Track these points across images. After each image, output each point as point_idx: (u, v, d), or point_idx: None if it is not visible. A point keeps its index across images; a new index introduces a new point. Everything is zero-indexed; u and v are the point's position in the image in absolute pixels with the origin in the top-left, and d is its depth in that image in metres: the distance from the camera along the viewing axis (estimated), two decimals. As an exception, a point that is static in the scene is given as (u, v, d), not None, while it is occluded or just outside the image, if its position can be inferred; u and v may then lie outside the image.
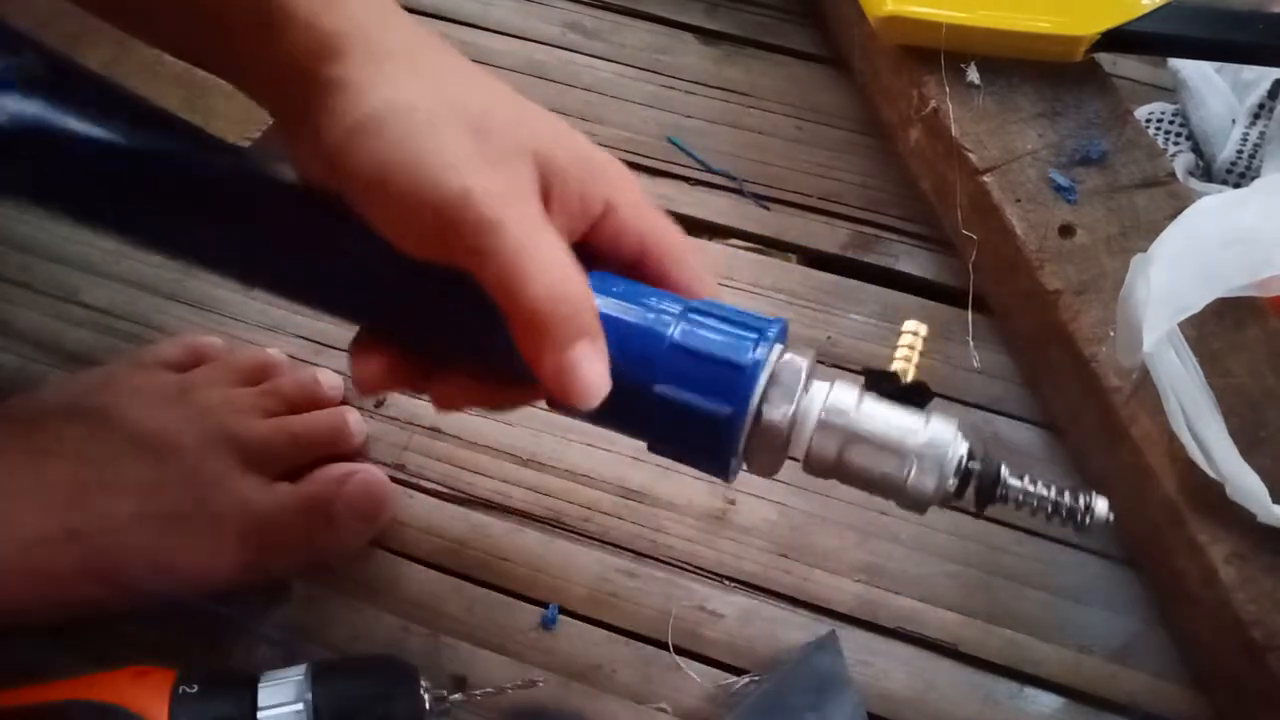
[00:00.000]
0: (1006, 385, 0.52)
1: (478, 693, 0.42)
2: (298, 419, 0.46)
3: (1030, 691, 0.44)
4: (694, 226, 0.57)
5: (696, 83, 0.62)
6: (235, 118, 0.55)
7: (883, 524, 0.48)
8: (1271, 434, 0.42)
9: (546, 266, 0.30)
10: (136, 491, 0.41)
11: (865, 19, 0.53)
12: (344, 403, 0.49)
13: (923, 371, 0.34)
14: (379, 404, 0.50)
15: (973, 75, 0.52)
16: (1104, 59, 0.53)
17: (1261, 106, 0.53)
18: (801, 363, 0.33)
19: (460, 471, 0.49)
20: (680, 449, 0.35)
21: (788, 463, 0.34)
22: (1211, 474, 0.41)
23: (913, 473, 0.32)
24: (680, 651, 0.45)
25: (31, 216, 0.55)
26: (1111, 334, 0.45)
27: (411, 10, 0.63)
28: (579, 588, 0.46)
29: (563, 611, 0.45)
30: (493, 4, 0.64)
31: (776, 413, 0.32)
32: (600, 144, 0.58)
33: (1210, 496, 0.41)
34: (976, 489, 0.33)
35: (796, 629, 0.45)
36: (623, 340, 0.32)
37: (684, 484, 0.49)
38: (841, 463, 0.33)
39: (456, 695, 0.41)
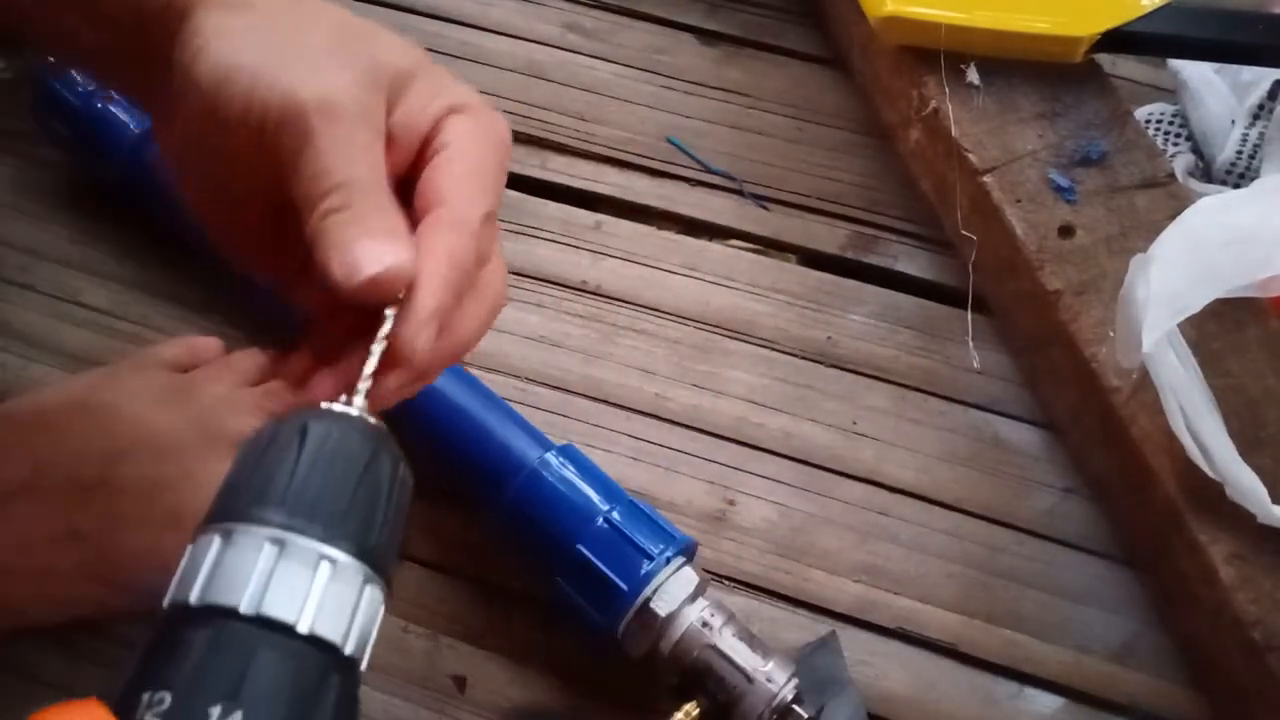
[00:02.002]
0: (1006, 385, 0.52)
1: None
2: (298, 419, 0.46)
3: (1030, 691, 0.44)
4: (694, 227, 0.57)
5: (696, 83, 0.62)
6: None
7: (882, 524, 0.48)
8: (1271, 434, 0.42)
9: (342, 169, 0.29)
10: (136, 491, 0.41)
11: (865, 19, 0.53)
12: (344, 403, 0.49)
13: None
14: (379, 404, 0.50)
15: (973, 76, 0.52)
16: (1104, 59, 0.53)
17: (1261, 107, 0.53)
18: (688, 583, 0.41)
19: (460, 472, 0.49)
20: (582, 597, 0.41)
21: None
22: (1211, 474, 0.41)
23: (746, 696, 0.40)
24: (680, 651, 0.45)
25: (32, 216, 0.55)
26: (1111, 334, 0.45)
27: (412, 10, 0.63)
28: (579, 588, 0.46)
29: (563, 611, 0.45)
30: (493, 4, 0.64)
31: (662, 609, 0.40)
32: (600, 144, 0.59)
33: (1210, 496, 0.41)
34: None
35: (796, 629, 0.45)
36: (561, 510, 0.42)
37: (684, 484, 0.49)
38: (692, 666, 0.40)
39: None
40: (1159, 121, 0.57)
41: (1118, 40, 0.50)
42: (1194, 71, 0.56)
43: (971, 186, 0.51)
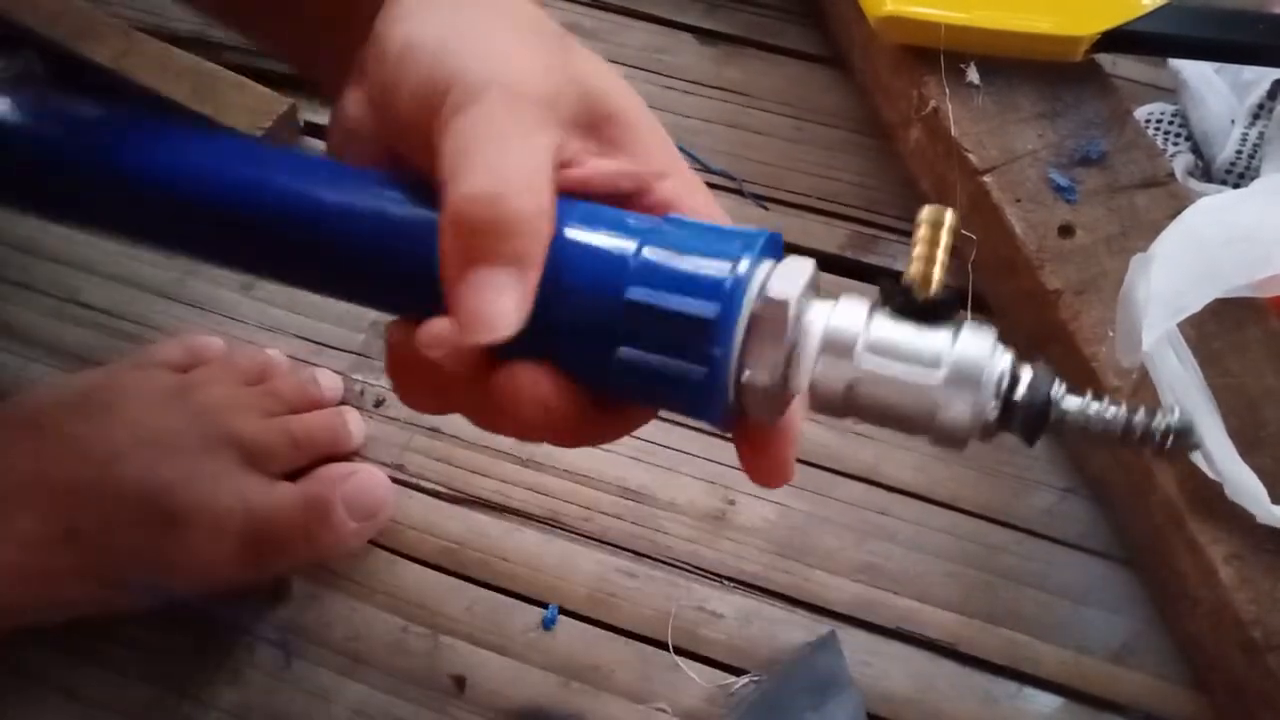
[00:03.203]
0: (1006, 385, 0.51)
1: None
2: (297, 419, 0.46)
3: (1029, 691, 0.44)
4: (694, 226, 0.57)
5: (695, 83, 0.61)
6: (246, 108, 0.55)
7: (882, 524, 0.48)
8: (1271, 434, 0.42)
9: (498, 163, 0.26)
10: (136, 492, 0.41)
11: (865, 19, 0.53)
12: (343, 403, 0.49)
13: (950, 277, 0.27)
14: (379, 404, 0.50)
15: (972, 75, 0.52)
16: (1104, 59, 0.53)
17: (1261, 107, 0.53)
18: (803, 270, 0.27)
19: (460, 471, 0.49)
20: (659, 389, 0.28)
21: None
22: (1211, 474, 0.41)
23: (942, 399, 0.26)
24: (680, 652, 0.45)
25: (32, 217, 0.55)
26: (1111, 334, 0.45)
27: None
28: (579, 588, 0.46)
29: (562, 611, 0.45)
30: (492, 4, 0.64)
31: (773, 318, 0.26)
32: (600, 144, 0.59)
33: (1210, 496, 0.41)
34: (1025, 414, 0.26)
35: (796, 629, 0.45)
36: (581, 261, 0.27)
37: (684, 484, 0.49)
38: (854, 394, 0.27)
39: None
40: (1159, 121, 0.57)
41: (1118, 40, 0.50)
42: (1194, 71, 0.56)
43: (971, 186, 0.51)
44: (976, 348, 0.26)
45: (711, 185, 0.58)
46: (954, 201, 0.51)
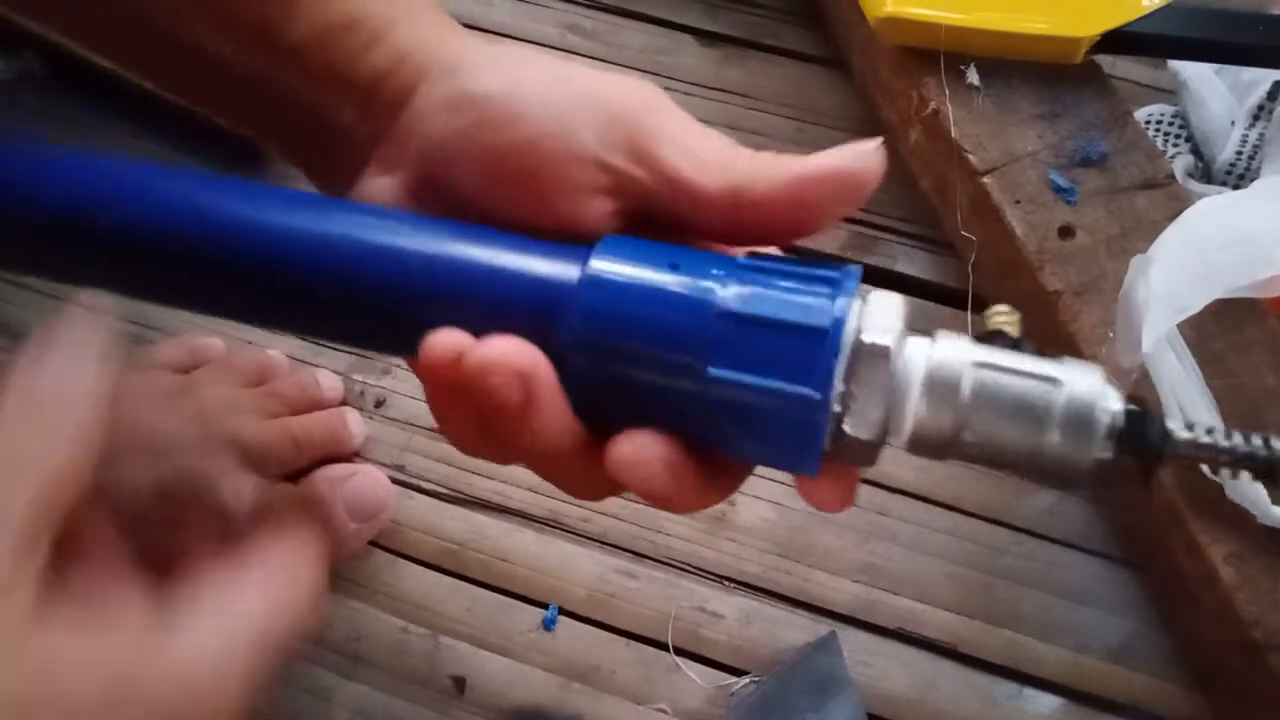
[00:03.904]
0: (1006, 386, 0.52)
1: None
2: (297, 420, 0.46)
3: (1029, 691, 0.44)
4: (694, 227, 0.57)
5: (695, 84, 0.62)
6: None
7: (882, 524, 0.48)
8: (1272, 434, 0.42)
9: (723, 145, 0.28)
10: (136, 493, 0.41)
11: (865, 20, 0.53)
12: (343, 404, 0.49)
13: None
14: (379, 404, 0.50)
15: (972, 76, 0.52)
16: (1104, 60, 0.53)
17: (1261, 108, 0.53)
18: (895, 306, 0.26)
19: (460, 472, 0.49)
20: (752, 431, 0.26)
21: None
22: (1211, 474, 0.41)
23: (1057, 438, 0.25)
24: (680, 652, 0.45)
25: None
26: (1111, 335, 0.45)
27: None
28: (579, 588, 0.46)
29: (562, 612, 0.46)
30: (493, 6, 0.64)
31: (873, 363, 0.25)
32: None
33: (1210, 496, 0.41)
34: (1140, 450, 0.25)
35: (796, 629, 0.45)
36: (666, 302, 0.26)
37: (684, 485, 0.49)
38: (963, 428, 0.25)
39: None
40: (1159, 122, 0.57)
41: (1118, 41, 0.50)
42: (1194, 72, 0.56)
43: (971, 187, 0.51)
44: (1088, 384, 0.25)
45: (711, 186, 0.58)
46: (954, 202, 0.51)
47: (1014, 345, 0.26)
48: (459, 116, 0.28)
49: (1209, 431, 0.25)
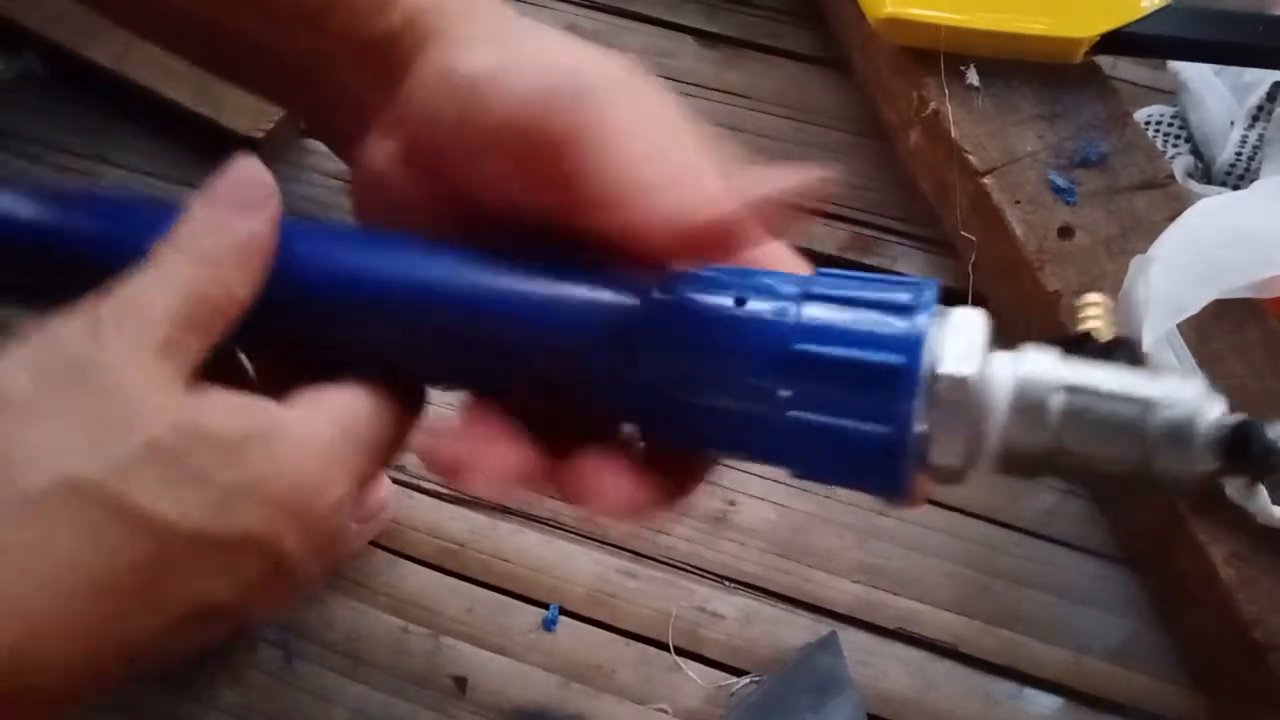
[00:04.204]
0: (1006, 386, 0.52)
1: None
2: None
3: (1030, 691, 0.44)
4: (694, 228, 0.57)
5: (695, 85, 0.62)
6: (247, 109, 0.55)
7: (882, 524, 0.48)
8: (1271, 434, 0.42)
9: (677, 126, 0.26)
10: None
11: (865, 21, 0.53)
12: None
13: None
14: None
15: (972, 77, 0.52)
16: (1103, 61, 0.53)
17: (1260, 109, 0.53)
18: (978, 320, 0.25)
19: (460, 472, 0.49)
20: (834, 465, 0.26)
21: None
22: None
23: (1160, 447, 0.24)
24: (680, 652, 0.45)
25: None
26: (1111, 335, 0.45)
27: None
28: (579, 588, 0.46)
29: (563, 612, 0.45)
30: (493, 6, 0.64)
31: (959, 371, 0.24)
32: (600, 145, 0.59)
33: (1210, 497, 0.41)
34: (1244, 460, 0.24)
35: (796, 629, 0.45)
36: (734, 332, 0.25)
37: (684, 485, 0.49)
38: (1057, 448, 0.24)
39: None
40: (1158, 123, 0.57)
41: (1117, 42, 0.50)
42: (1194, 73, 0.56)
43: (971, 187, 0.51)
44: (1185, 392, 0.24)
45: (712, 186, 0.58)
46: (954, 202, 0.52)
47: (1105, 351, 0.25)
48: (449, 95, 0.28)
49: None
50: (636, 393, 0.26)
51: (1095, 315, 0.27)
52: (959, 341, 0.24)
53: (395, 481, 0.47)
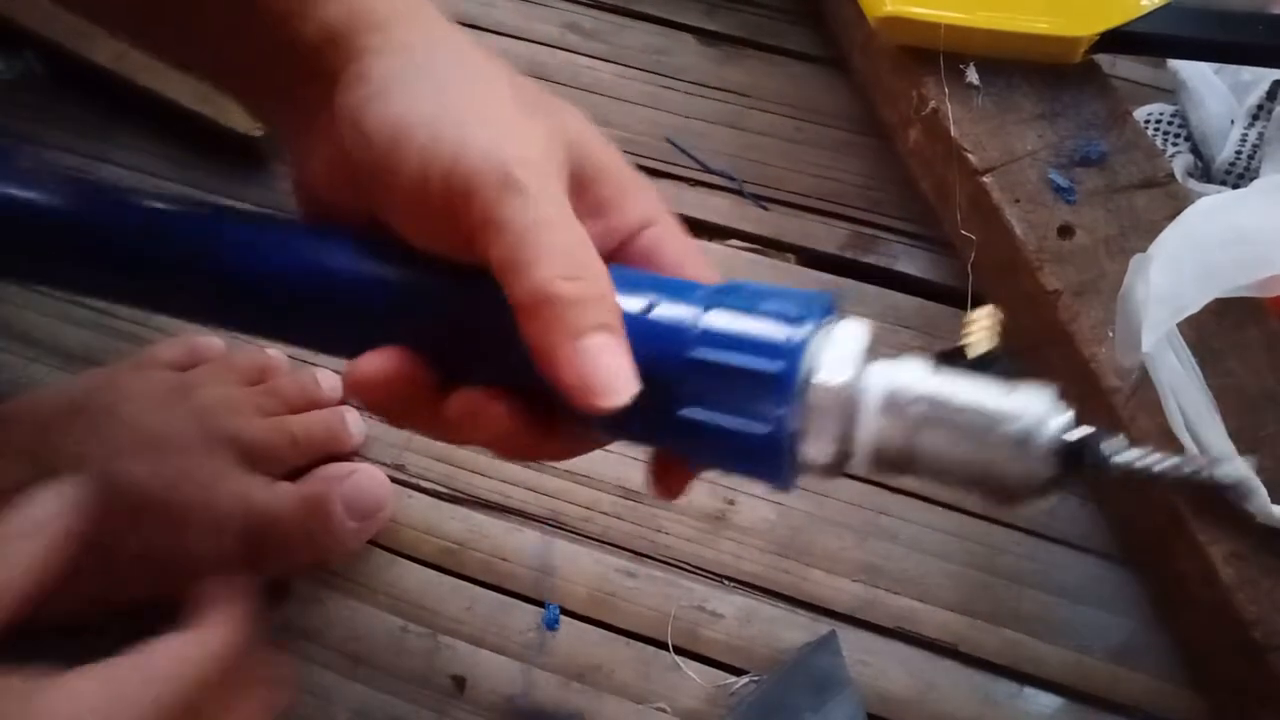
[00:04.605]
0: (1006, 386, 0.51)
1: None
2: (297, 419, 0.46)
3: (1030, 691, 0.44)
4: (693, 227, 0.57)
5: (696, 83, 0.62)
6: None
7: (882, 524, 0.48)
8: (1271, 434, 0.42)
9: (564, 246, 0.27)
10: (136, 491, 0.41)
11: (865, 19, 0.53)
12: (343, 403, 0.49)
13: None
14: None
15: (972, 76, 0.52)
16: (1103, 60, 0.53)
17: (1260, 107, 0.53)
18: (860, 332, 0.28)
19: (459, 471, 0.49)
20: (724, 436, 0.28)
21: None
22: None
23: (1005, 455, 0.26)
24: (680, 652, 0.45)
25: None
26: (1111, 334, 0.45)
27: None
28: (579, 588, 0.46)
29: (563, 611, 0.45)
30: (493, 4, 0.64)
31: (833, 380, 0.27)
32: (600, 144, 0.59)
33: (1210, 497, 0.41)
34: (1080, 470, 0.27)
35: (796, 629, 0.45)
36: (640, 335, 0.28)
37: (684, 484, 0.49)
38: (914, 451, 0.27)
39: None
40: (1158, 122, 0.57)
41: (1117, 40, 0.50)
42: (1193, 71, 0.56)
43: (971, 186, 0.51)
44: (1035, 405, 0.27)
45: (711, 186, 0.58)
46: (954, 201, 0.52)
47: (978, 364, 0.29)
48: (363, 140, 0.29)
49: (1148, 454, 0.27)
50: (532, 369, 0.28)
51: (978, 330, 0.30)
52: (839, 351, 0.27)
53: (395, 481, 0.47)
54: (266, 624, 0.44)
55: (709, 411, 0.28)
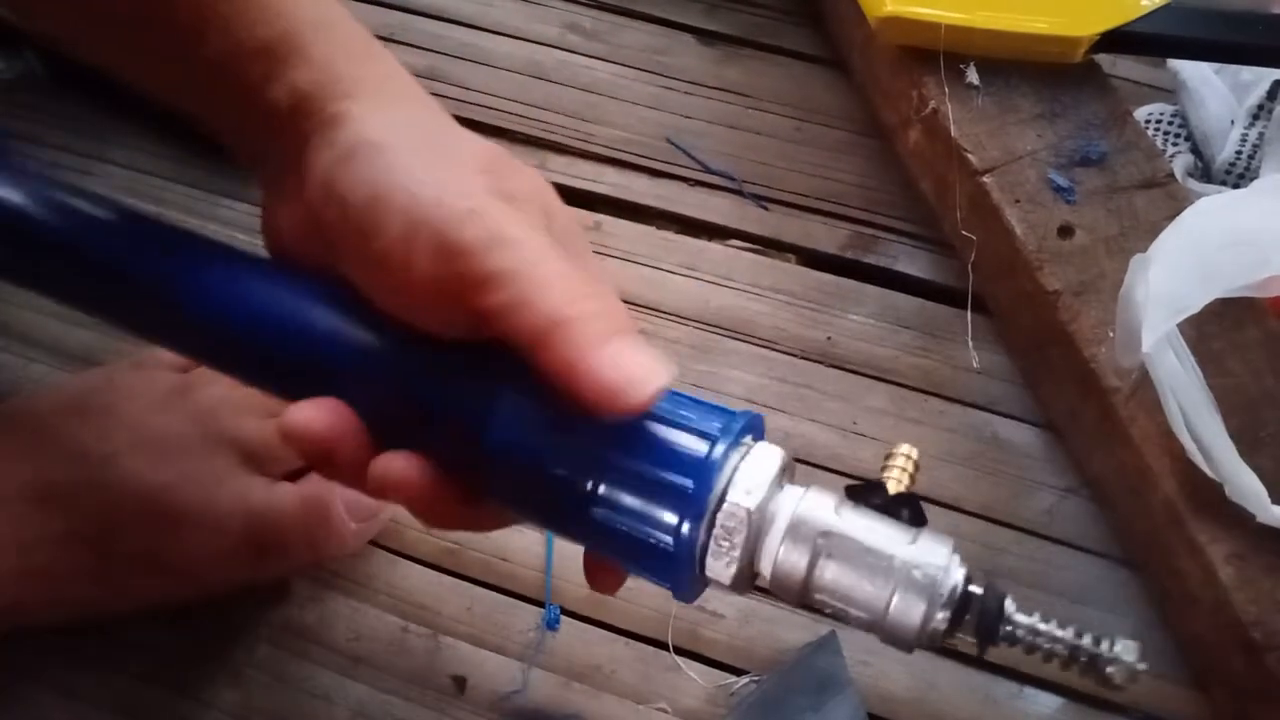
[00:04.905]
0: (1006, 386, 0.52)
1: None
2: (298, 419, 0.46)
3: (1030, 691, 0.44)
4: (694, 227, 0.57)
5: (695, 83, 0.62)
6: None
7: (882, 524, 0.48)
8: (1271, 434, 0.42)
9: (567, 274, 0.28)
10: (136, 493, 0.41)
11: (865, 20, 0.53)
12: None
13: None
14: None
15: (972, 76, 0.52)
16: (1103, 60, 0.53)
17: (1260, 107, 0.53)
18: (772, 461, 0.28)
19: (460, 472, 0.49)
20: (629, 559, 0.30)
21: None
22: (1211, 474, 0.41)
23: (895, 599, 0.27)
24: (680, 652, 0.45)
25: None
26: (1111, 334, 0.45)
27: (411, 11, 0.63)
28: (579, 588, 0.46)
29: (563, 611, 0.45)
30: (492, 4, 0.64)
31: (736, 519, 0.27)
32: (600, 144, 0.59)
33: (1210, 496, 0.41)
34: (976, 626, 0.27)
35: (796, 629, 0.45)
36: (561, 430, 0.29)
37: (684, 484, 0.49)
38: (811, 582, 0.28)
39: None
40: (1158, 122, 0.57)
41: (1117, 40, 0.50)
42: (1193, 72, 0.56)
43: (971, 187, 0.51)
44: (933, 556, 0.27)
45: (711, 186, 0.58)
46: (954, 202, 0.52)
47: (885, 505, 0.28)
48: (327, 202, 0.30)
49: (1046, 621, 0.27)
50: (457, 445, 0.30)
51: (897, 466, 0.30)
52: (752, 474, 0.28)
53: (395, 481, 0.47)
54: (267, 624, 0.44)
55: (619, 516, 0.28)
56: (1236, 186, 0.53)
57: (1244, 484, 0.40)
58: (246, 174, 0.56)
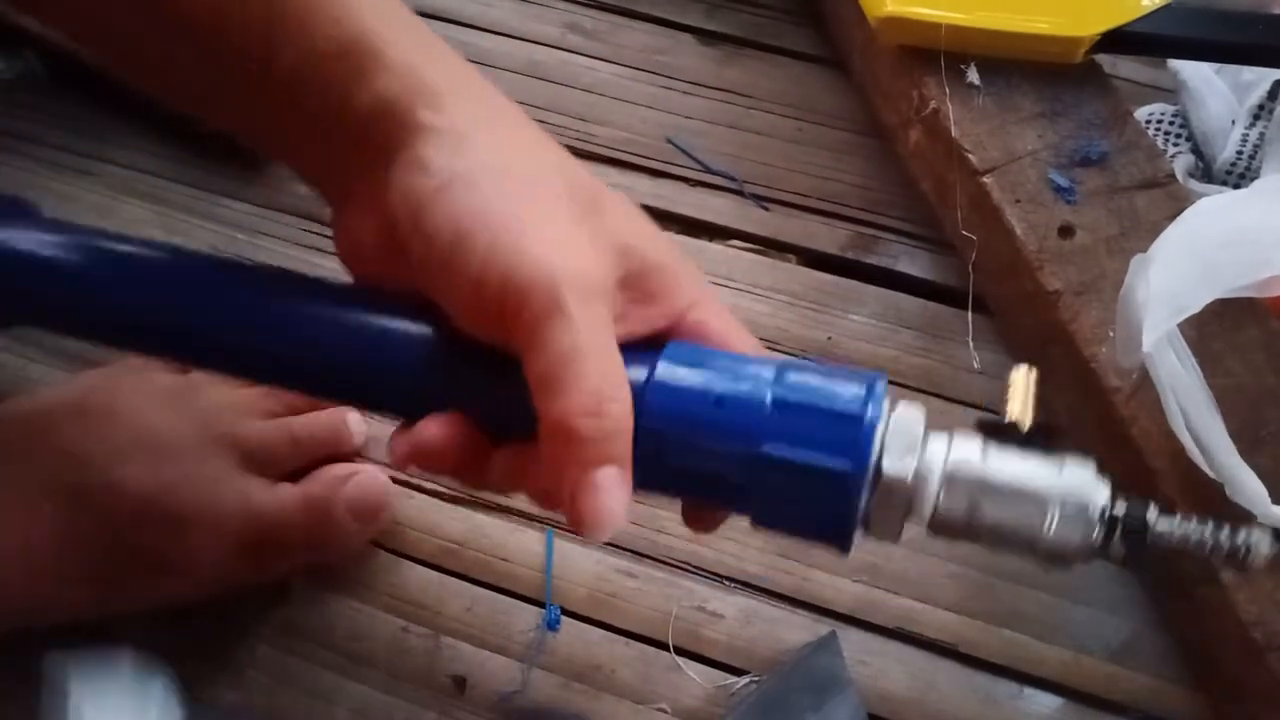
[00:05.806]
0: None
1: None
2: (298, 419, 0.46)
3: (1030, 691, 0.44)
4: (694, 227, 0.57)
5: (696, 84, 0.62)
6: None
7: (883, 524, 0.48)
8: (1271, 434, 0.42)
9: (595, 375, 0.28)
10: (136, 493, 0.41)
11: (865, 20, 0.53)
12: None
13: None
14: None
15: (972, 76, 0.52)
16: (1104, 60, 0.53)
17: (1261, 107, 0.53)
18: (918, 415, 0.31)
19: (460, 472, 0.49)
20: (792, 518, 0.31)
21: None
22: (1211, 474, 0.41)
23: (1054, 524, 0.29)
24: (680, 652, 0.45)
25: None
26: (1111, 334, 0.45)
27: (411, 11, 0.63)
28: (579, 588, 0.46)
29: (563, 611, 0.46)
30: (492, 4, 0.64)
31: (898, 468, 0.29)
32: (600, 145, 0.59)
33: (1210, 496, 0.41)
34: (1125, 538, 0.30)
35: (796, 629, 0.45)
36: (718, 408, 0.30)
37: (684, 484, 0.49)
38: (972, 520, 0.30)
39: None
40: (1159, 122, 0.57)
41: (1118, 40, 0.50)
42: (1194, 72, 0.56)
43: (971, 187, 0.51)
44: (1082, 482, 0.29)
45: (712, 186, 0.58)
46: (954, 202, 0.52)
47: (1025, 439, 0.31)
48: (413, 232, 0.30)
49: (1186, 521, 0.30)
50: (643, 449, 0.30)
51: (1022, 391, 0.32)
52: (900, 440, 0.30)
53: (395, 481, 0.47)
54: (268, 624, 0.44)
55: (779, 503, 0.30)
56: (1237, 187, 0.53)
57: (1244, 484, 0.40)
58: (247, 174, 0.56)
